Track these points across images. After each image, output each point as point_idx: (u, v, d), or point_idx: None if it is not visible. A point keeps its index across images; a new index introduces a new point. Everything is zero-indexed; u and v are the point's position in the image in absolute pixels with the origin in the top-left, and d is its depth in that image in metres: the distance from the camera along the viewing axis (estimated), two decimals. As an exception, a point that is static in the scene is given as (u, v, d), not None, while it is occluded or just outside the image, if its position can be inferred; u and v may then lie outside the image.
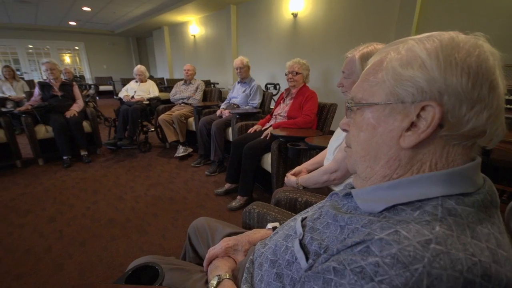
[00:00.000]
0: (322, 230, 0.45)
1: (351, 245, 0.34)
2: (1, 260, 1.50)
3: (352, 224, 0.39)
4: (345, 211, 0.45)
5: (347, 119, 0.48)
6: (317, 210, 0.52)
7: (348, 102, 0.45)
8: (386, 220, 0.34)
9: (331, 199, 0.54)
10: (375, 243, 0.32)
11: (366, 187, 0.42)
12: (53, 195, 2.25)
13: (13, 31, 8.07)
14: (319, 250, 0.41)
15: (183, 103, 3.28)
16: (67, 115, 2.88)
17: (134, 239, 1.66)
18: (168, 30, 7.57)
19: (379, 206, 0.38)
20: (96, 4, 5.59)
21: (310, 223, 0.49)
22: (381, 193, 0.39)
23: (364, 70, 0.44)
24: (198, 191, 2.28)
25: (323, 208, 0.51)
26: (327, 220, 0.45)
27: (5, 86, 4.57)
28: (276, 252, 0.51)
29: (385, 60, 0.39)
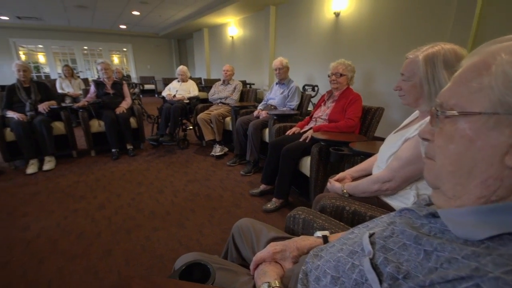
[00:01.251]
0: (397, 251, 0.40)
1: (452, 279, 0.29)
2: (58, 240, 1.66)
3: (444, 252, 0.34)
4: (427, 233, 0.40)
5: (430, 128, 0.43)
6: (387, 227, 0.48)
7: (436, 109, 0.40)
8: (498, 254, 0.29)
9: (402, 215, 0.49)
10: (489, 282, 0.27)
11: (460, 208, 0.37)
12: (103, 185, 2.44)
13: (71, 33, 9.00)
14: (397, 274, 0.37)
15: (221, 103, 3.36)
16: (117, 111, 3.12)
17: (173, 232, 1.73)
18: (207, 31, 7.84)
19: (481, 233, 0.32)
20: (144, 8, 6.00)
21: (381, 241, 0.44)
22: (483, 217, 0.34)
23: (458, 73, 0.39)
24: (234, 190, 2.31)
25: (395, 226, 0.46)
26: (404, 241, 0.41)
27: (64, 83, 5.11)
28: (338, 268, 0.48)
29: (493, 63, 0.34)
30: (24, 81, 2.88)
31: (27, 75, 2.87)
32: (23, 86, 2.88)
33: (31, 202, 2.13)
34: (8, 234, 1.71)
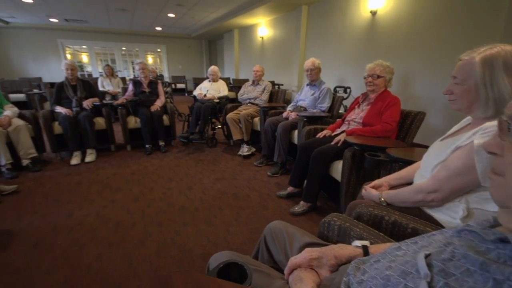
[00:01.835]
0: (460, 277, 0.37)
1: None
2: (98, 228, 1.78)
3: None
4: (495, 259, 0.36)
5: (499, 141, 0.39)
6: (444, 248, 0.44)
7: (507, 122, 0.36)
8: None
9: (462, 236, 0.45)
10: None
11: None
12: (137, 178, 2.58)
13: (112, 35, 9.63)
14: None
15: (250, 103, 3.38)
16: (152, 109, 3.28)
17: (202, 228, 1.78)
18: (238, 32, 7.95)
19: None
20: (179, 10, 6.24)
21: (439, 264, 0.41)
22: None
23: None
24: (261, 191, 2.31)
25: (455, 248, 0.42)
26: (467, 266, 0.37)
27: (105, 81, 5.48)
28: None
29: None
30: (71, 79, 3.13)
31: (74, 73, 3.12)
32: (71, 83, 3.13)
33: (74, 191, 2.31)
34: (54, 220, 1.87)
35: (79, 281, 1.33)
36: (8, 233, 1.71)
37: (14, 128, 2.58)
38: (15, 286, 1.29)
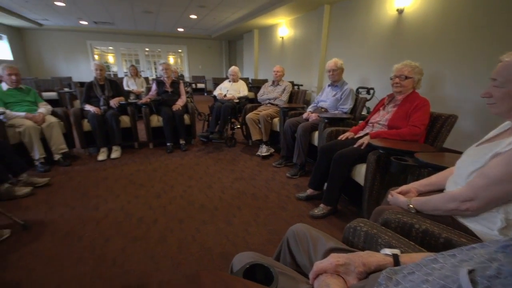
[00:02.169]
0: None
1: None
2: (122, 222, 1.85)
3: None
4: None
5: None
6: (488, 264, 0.41)
7: None
8: None
9: (508, 252, 0.42)
10: None
11: None
12: (159, 175, 2.66)
13: (136, 36, 10.01)
14: None
15: (270, 104, 3.38)
16: (174, 108, 3.36)
17: (221, 227, 1.80)
18: (257, 33, 7.97)
19: None
20: (201, 11, 6.36)
21: (484, 281, 0.38)
22: None
23: None
24: (279, 192, 2.30)
25: (501, 265, 0.39)
26: None
27: (130, 81, 5.69)
28: None
29: None
30: (100, 79, 3.28)
31: (103, 73, 3.27)
32: (99, 83, 3.28)
33: (101, 185, 2.42)
34: (82, 212, 1.97)
35: (105, 273, 1.39)
36: (41, 224, 1.83)
37: (47, 125, 2.75)
38: (48, 274, 1.38)
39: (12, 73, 2.71)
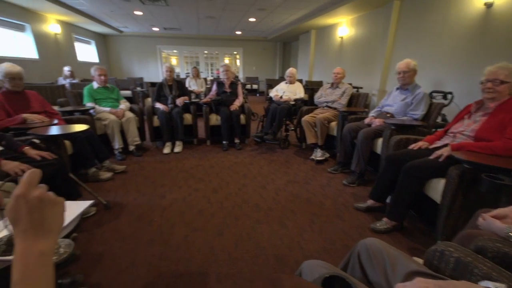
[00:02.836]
0: None
1: None
2: (184, 213, 2.00)
3: None
4: None
5: None
6: None
7: None
8: None
9: None
10: None
11: None
12: (216, 171, 2.80)
13: (198, 40, 10.76)
14: None
15: (327, 107, 3.26)
16: (231, 108, 3.51)
17: (275, 228, 1.80)
18: (315, 33, 7.79)
19: None
20: (261, 14, 6.50)
21: None
22: None
23: None
24: (335, 200, 2.20)
25: None
26: None
27: (191, 82, 6.14)
28: None
29: None
30: (169, 80, 3.62)
31: (172, 75, 3.60)
32: (168, 83, 3.62)
33: (166, 176, 2.66)
34: (151, 199, 2.20)
35: (170, 256, 1.52)
36: (119, 205, 2.09)
37: (126, 119, 3.14)
38: (124, 251, 1.57)
39: (102, 73, 3.18)
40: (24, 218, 0.37)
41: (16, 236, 0.37)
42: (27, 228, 0.37)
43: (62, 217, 0.41)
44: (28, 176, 0.38)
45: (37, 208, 0.38)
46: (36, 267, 0.36)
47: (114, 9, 6.17)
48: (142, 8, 6.09)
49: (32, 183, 0.38)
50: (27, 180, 0.38)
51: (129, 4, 5.72)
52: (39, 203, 0.38)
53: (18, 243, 0.37)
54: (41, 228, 0.38)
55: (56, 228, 0.40)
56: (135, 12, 6.46)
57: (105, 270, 1.41)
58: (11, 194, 0.37)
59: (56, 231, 0.40)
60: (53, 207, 0.40)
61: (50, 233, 0.39)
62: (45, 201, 0.38)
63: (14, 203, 0.37)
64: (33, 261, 0.36)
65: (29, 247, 0.37)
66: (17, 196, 0.37)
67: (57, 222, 0.40)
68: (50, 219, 0.39)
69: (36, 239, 0.37)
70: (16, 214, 0.37)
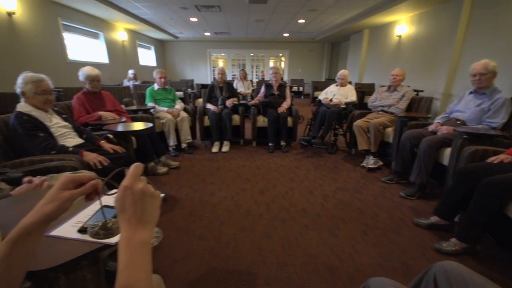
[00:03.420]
0: None
1: None
2: (232, 211, 2.05)
3: None
4: None
5: None
6: None
7: None
8: None
9: None
10: None
11: None
12: (262, 173, 2.82)
13: (245, 43, 11.03)
14: None
15: (382, 111, 3.04)
16: (279, 110, 3.50)
17: (324, 236, 1.73)
18: (368, 32, 7.35)
19: None
20: (311, 15, 6.38)
21: None
22: None
23: None
24: (391, 212, 2.03)
25: None
26: None
27: (239, 84, 6.31)
28: None
29: None
30: (220, 82, 3.77)
31: (223, 77, 3.75)
32: (219, 85, 3.78)
33: (215, 174, 2.77)
34: (201, 196, 2.31)
35: (220, 253, 1.57)
36: (174, 199, 2.24)
37: (180, 119, 3.37)
38: (179, 242, 1.66)
39: (162, 76, 3.46)
40: (128, 208, 0.41)
41: (121, 224, 0.41)
42: (130, 216, 0.41)
43: (158, 209, 0.44)
44: (134, 169, 0.42)
45: (139, 199, 0.41)
46: (138, 255, 0.39)
47: (173, 16, 6.69)
48: (198, 15, 6.48)
49: (137, 176, 0.42)
50: (133, 173, 0.42)
51: (186, 11, 6.14)
52: (141, 195, 0.41)
53: (123, 230, 0.40)
54: (142, 218, 0.41)
55: (153, 219, 0.43)
56: (191, 18, 6.91)
57: (162, 258, 1.52)
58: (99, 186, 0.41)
59: (153, 222, 0.43)
60: (152, 200, 0.43)
61: (149, 223, 0.42)
62: (146, 194, 0.42)
63: (122, 193, 0.41)
64: (135, 249, 0.39)
65: (132, 235, 0.40)
66: (124, 187, 0.41)
67: (154, 213, 0.43)
68: (149, 210, 0.42)
69: (138, 228, 0.40)
70: (123, 203, 0.41)
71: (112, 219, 0.63)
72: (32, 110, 1.67)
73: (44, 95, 1.69)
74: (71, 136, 1.87)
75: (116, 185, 0.54)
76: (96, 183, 0.51)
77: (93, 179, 0.51)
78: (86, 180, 0.50)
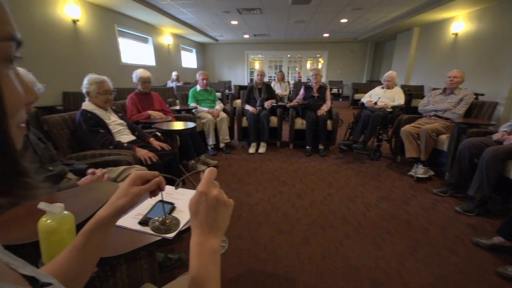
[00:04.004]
0: None
1: None
2: (270, 213, 2.04)
3: None
4: None
5: None
6: None
7: None
8: None
9: None
10: None
11: None
12: (299, 176, 2.77)
13: (283, 44, 10.98)
14: None
15: (436, 116, 2.78)
16: (318, 113, 3.41)
17: (368, 248, 1.63)
18: (418, 31, 6.81)
19: None
20: (355, 14, 6.11)
21: None
22: None
23: None
24: (445, 229, 1.84)
25: None
26: None
27: (276, 85, 6.31)
28: None
29: None
30: (259, 83, 3.80)
31: (262, 78, 3.77)
32: (257, 87, 3.80)
33: (252, 175, 2.79)
34: (239, 195, 2.33)
35: (258, 254, 1.57)
36: (213, 197, 2.30)
37: (220, 119, 3.46)
38: (219, 240, 1.70)
39: (204, 77, 3.60)
40: (202, 214, 0.41)
41: (193, 228, 0.41)
42: (203, 223, 0.41)
43: (229, 218, 0.44)
44: (208, 174, 0.43)
45: (213, 207, 0.41)
46: (209, 264, 0.39)
47: (215, 20, 6.93)
48: (239, 18, 6.62)
49: (211, 181, 0.43)
50: (208, 178, 0.42)
51: (228, 15, 6.31)
52: (215, 202, 0.41)
53: (195, 235, 0.41)
54: (214, 226, 0.41)
55: (224, 228, 0.43)
56: (232, 22, 7.09)
57: (203, 254, 1.57)
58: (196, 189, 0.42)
59: (223, 231, 0.43)
60: (225, 209, 0.43)
61: (219, 231, 0.42)
62: (220, 202, 0.42)
63: (197, 198, 0.41)
64: (206, 256, 0.40)
65: (204, 241, 0.40)
66: (200, 192, 0.41)
67: (225, 222, 0.43)
68: (221, 218, 0.42)
69: (209, 236, 0.41)
70: (197, 208, 0.41)
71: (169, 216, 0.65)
72: (94, 109, 1.86)
73: (105, 95, 1.86)
74: (125, 133, 2.03)
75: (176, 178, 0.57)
76: (160, 181, 0.53)
77: (157, 176, 0.54)
78: (151, 177, 0.53)
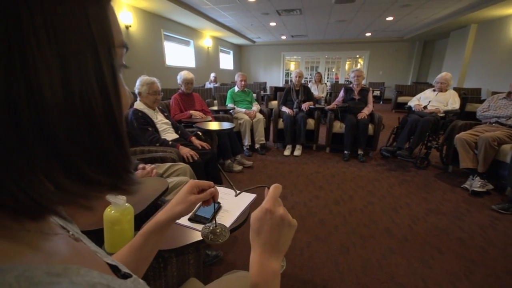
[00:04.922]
0: None
1: None
2: (306, 218, 1.99)
3: None
4: None
5: None
6: None
7: None
8: None
9: None
10: None
11: None
12: (337, 182, 2.67)
13: (320, 45, 10.70)
14: None
15: (498, 123, 2.47)
16: (359, 116, 3.26)
17: (414, 265, 1.51)
18: (475, 28, 6.14)
19: None
20: (403, 11, 5.71)
21: None
22: None
23: None
24: (507, 250, 1.63)
25: None
26: None
27: (313, 87, 6.18)
28: None
29: None
30: (297, 85, 3.75)
31: (300, 80, 3.71)
32: (295, 88, 3.76)
33: (287, 177, 2.77)
34: (274, 197, 2.32)
35: (294, 260, 1.54)
36: (248, 197, 2.33)
37: (256, 120, 3.49)
38: (254, 240, 1.71)
39: (243, 79, 3.66)
40: (265, 233, 0.40)
41: (254, 245, 0.40)
42: (266, 242, 0.39)
43: (291, 240, 0.42)
44: (274, 191, 0.42)
45: (277, 226, 0.40)
46: (269, 285, 0.38)
47: (253, 22, 7.03)
48: (277, 19, 6.63)
49: (277, 198, 0.42)
50: (274, 195, 0.42)
51: (267, 16, 6.35)
52: (280, 222, 0.40)
53: (256, 253, 0.40)
54: (276, 246, 0.40)
55: (285, 249, 0.41)
56: (270, 23, 7.12)
57: (239, 252, 1.60)
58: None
59: (284, 252, 0.41)
60: (289, 229, 0.41)
61: (281, 253, 0.41)
62: (285, 222, 0.40)
63: (262, 215, 0.40)
64: (268, 277, 0.38)
65: (264, 262, 0.39)
66: (266, 210, 0.40)
67: (287, 243, 0.41)
68: (284, 239, 0.41)
69: (271, 257, 0.39)
70: (261, 225, 0.40)
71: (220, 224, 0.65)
72: (144, 108, 2.00)
73: (154, 95, 1.99)
74: (170, 131, 2.15)
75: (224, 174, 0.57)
76: (214, 192, 0.55)
77: (212, 187, 0.55)
78: (207, 187, 0.55)
